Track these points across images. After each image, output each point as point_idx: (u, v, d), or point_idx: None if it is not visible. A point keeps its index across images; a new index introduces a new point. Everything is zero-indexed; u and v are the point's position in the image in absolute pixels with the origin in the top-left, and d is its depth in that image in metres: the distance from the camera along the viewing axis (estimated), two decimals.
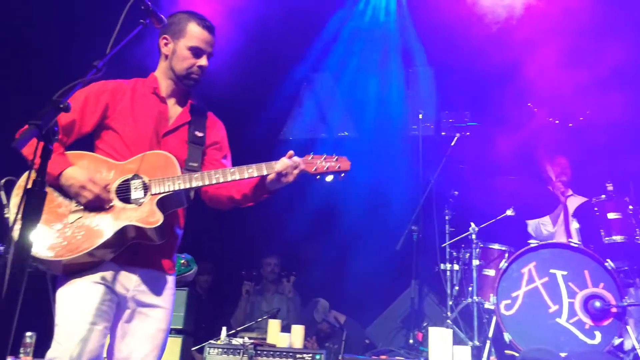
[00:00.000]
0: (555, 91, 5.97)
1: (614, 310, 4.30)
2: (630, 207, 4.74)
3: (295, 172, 2.59)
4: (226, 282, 6.26)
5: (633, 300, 4.67)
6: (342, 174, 2.65)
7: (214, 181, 2.57)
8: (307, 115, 7.49)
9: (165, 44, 2.75)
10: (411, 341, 4.89)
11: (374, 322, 5.42)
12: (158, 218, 2.44)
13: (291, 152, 2.63)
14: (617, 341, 4.28)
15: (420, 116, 5.87)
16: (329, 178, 2.62)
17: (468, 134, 5.81)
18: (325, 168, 2.61)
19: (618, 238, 4.64)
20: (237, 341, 4.31)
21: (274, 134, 7.48)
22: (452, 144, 5.36)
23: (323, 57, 7.08)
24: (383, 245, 5.67)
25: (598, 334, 4.32)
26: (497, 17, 6.15)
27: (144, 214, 2.45)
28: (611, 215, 4.73)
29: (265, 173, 2.60)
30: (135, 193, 2.49)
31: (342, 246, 6.09)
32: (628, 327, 4.31)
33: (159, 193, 2.50)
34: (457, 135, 5.37)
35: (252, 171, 2.59)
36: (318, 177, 2.65)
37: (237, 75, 6.02)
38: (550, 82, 5.92)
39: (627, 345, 4.40)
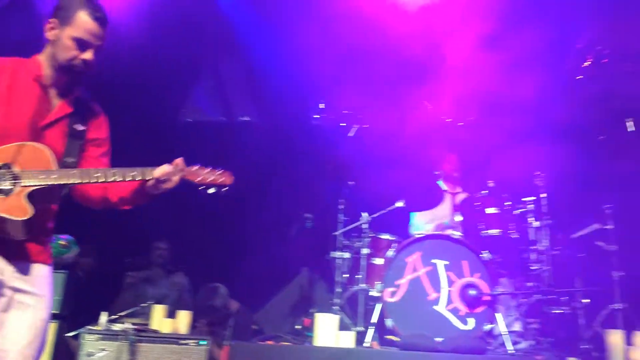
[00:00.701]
0: (448, 91, 6.26)
1: (486, 298, 4.61)
2: (507, 203, 5.10)
3: (176, 178, 2.54)
4: (111, 265, 5.99)
5: (504, 289, 5.04)
6: (225, 188, 2.69)
7: (93, 180, 2.45)
8: (207, 97, 7.33)
9: (51, 29, 2.53)
10: (298, 327, 4.96)
11: (263, 308, 5.44)
12: (26, 211, 2.29)
13: (178, 160, 2.58)
14: (487, 327, 4.59)
15: (322, 106, 5.93)
16: (211, 190, 2.69)
17: (367, 126, 5.95)
18: (208, 180, 2.65)
19: (494, 231, 4.98)
20: (117, 327, 4.15)
21: (171, 115, 7.26)
22: (350, 134, 5.45)
23: (226, 39, 6.95)
24: (277, 232, 5.70)
25: (471, 321, 4.61)
26: (403, 13, 6.33)
27: (11, 205, 2.28)
28: (489, 210, 5.06)
29: (147, 177, 2.51)
30: (3, 183, 2.32)
31: (236, 232, 6.05)
32: (498, 315, 4.64)
33: (30, 186, 2.34)
34: (356, 126, 5.48)
35: (135, 174, 2.49)
36: (201, 187, 2.67)
37: (135, 54, 5.78)
38: (444, 82, 6.21)
39: (496, 331, 4.73)
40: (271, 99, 7.01)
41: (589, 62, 6.16)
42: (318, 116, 6.10)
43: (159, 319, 4.40)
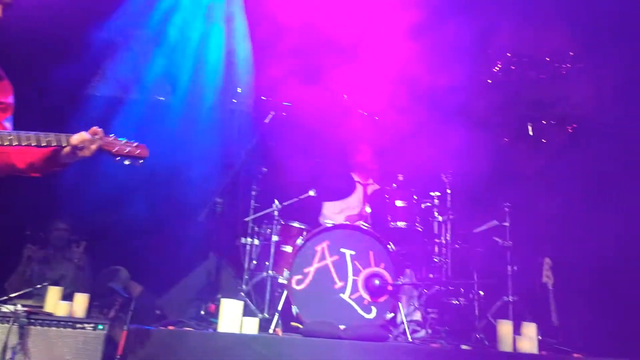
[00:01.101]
0: (365, 84, 6.36)
1: (389, 288, 4.75)
2: (415, 197, 5.27)
3: (93, 147, 2.50)
4: (5, 241, 5.59)
5: (407, 280, 5.22)
6: (141, 160, 2.68)
7: (6, 143, 2.31)
8: (121, 73, 7.00)
9: None
10: (203, 312, 4.89)
11: (168, 293, 5.31)
12: None
13: (95, 128, 2.52)
14: (389, 316, 4.74)
15: (239, 90, 5.85)
16: (127, 162, 2.68)
17: (284, 114, 5.93)
18: (125, 151, 2.64)
19: (401, 224, 5.13)
20: (7, 308, 3.89)
21: (81, 88, 6.87)
22: (266, 121, 5.41)
23: (145, 15, 6.67)
24: (186, 215, 5.56)
25: (374, 309, 4.74)
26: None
27: None
28: (398, 203, 5.21)
29: (64, 144, 2.41)
30: None
31: (143, 213, 5.84)
32: (400, 304, 4.80)
33: None
34: (272, 113, 5.44)
35: (50, 140, 2.38)
36: (118, 158, 2.64)
37: (48, 22, 5.42)
38: (363, 74, 6.31)
39: (398, 320, 4.89)
40: (188, 81, 6.81)
41: (498, 67, 6.49)
42: (235, 101, 6.01)
43: (54, 302, 4.17)
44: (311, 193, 5.24)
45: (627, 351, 4.39)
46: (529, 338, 4.46)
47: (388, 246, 4.88)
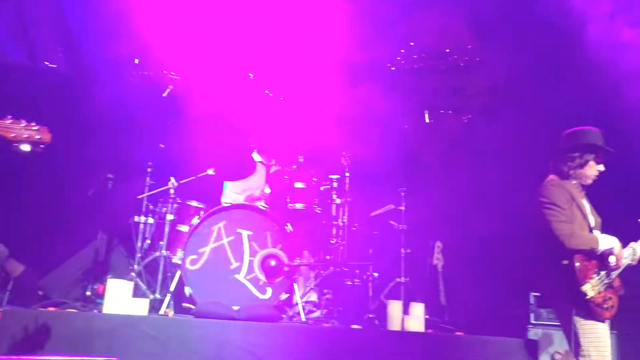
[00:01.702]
0: (271, 64, 6.29)
1: (285, 269, 4.76)
2: (314, 179, 5.30)
3: None
4: None
5: (304, 261, 5.26)
6: (42, 146, 2.45)
7: None
8: (6, 34, 6.42)
9: None
10: (89, 293, 4.66)
11: (52, 273, 4.99)
12: None
13: None
14: (284, 296, 4.75)
15: (136, 61, 5.56)
16: (27, 148, 2.41)
17: (184, 88, 5.72)
18: (23, 136, 2.41)
19: (300, 205, 5.15)
20: None
21: None
22: (164, 95, 5.20)
23: None
24: (74, 190, 5.24)
25: (269, 290, 4.74)
26: None
27: None
28: (297, 185, 5.21)
29: None
30: None
31: (26, 187, 5.42)
32: (295, 285, 4.83)
33: None
34: (170, 87, 5.24)
35: None
36: (15, 145, 2.41)
37: None
38: (269, 54, 6.23)
39: (294, 301, 4.92)
40: (82, 48, 6.38)
41: (402, 54, 6.65)
42: (133, 73, 5.72)
43: None
44: (210, 172, 5.11)
45: (506, 330, 4.70)
46: (417, 317, 4.66)
47: (286, 227, 4.88)
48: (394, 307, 4.69)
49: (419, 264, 5.70)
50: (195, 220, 4.79)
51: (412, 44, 6.74)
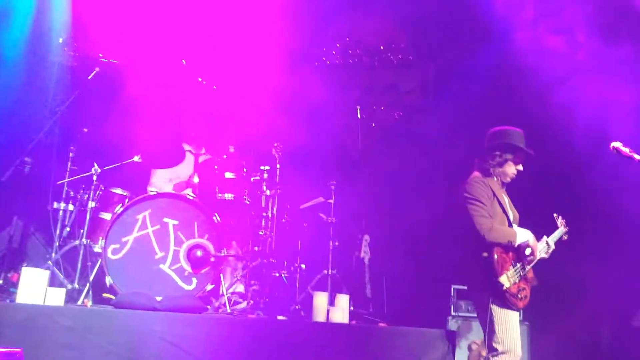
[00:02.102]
0: (206, 52, 6.18)
1: (212, 259, 4.70)
2: (245, 169, 5.25)
3: None
4: None
5: (232, 252, 5.21)
6: None
7: None
8: None
9: None
10: (1, 281, 4.42)
11: None
12: None
13: None
14: (209, 287, 4.69)
15: (60, 40, 5.31)
16: None
17: (112, 72, 5.52)
18: None
19: (229, 196, 5.09)
20: None
21: None
22: (89, 77, 4.99)
23: None
24: None
25: (195, 281, 4.67)
26: None
27: None
28: (228, 175, 5.15)
29: None
30: None
31: None
32: (221, 276, 4.78)
33: None
34: (96, 69, 5.03)
35: None
36: None
37: None
38: (203, 41, 6.11)
39: (221, 291, 4.87)
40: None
41: (337, 51, 6.70)
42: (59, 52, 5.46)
43: None
44: (136, 159, 4.97)
45: (429, 321, 4.85)
46: (341, 309, 4.72)
47: (214, 217, 4.81)
48: (320, 299, 4.72)
49: (347, 257, 5.78)
50: (119, 209, 4.64)
51: (347, 39, 6.81)
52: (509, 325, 3.36)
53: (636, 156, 3.14)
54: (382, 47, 6.85)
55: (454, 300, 5.38)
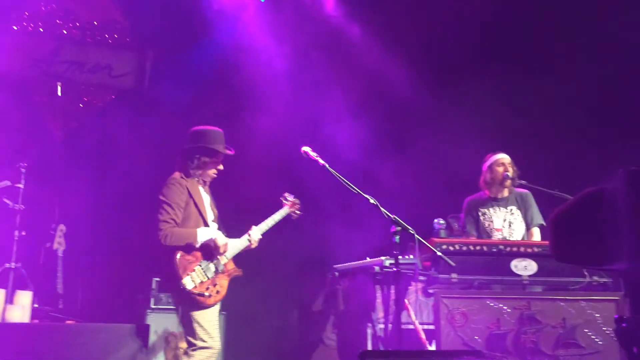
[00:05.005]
0: None
1: None
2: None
3: None
4: None
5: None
6: None
7: None
8: None
9: None
10: None
11: None
12: None
13: None
14: None
15: None
16: None
17: None
18: None
19: None
20: None
21: None
22: None
23: None
24: None
25: None
26: None
27: None
28: None
29: None
30: None
31: None
32: None
33: None
34: None
35: None
36: None
37: None
38: None
39: None
40: None
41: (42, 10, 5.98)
42: None
43: None
44: None
45: (129, 315, 4.65)
46: (22, 307, 4.22)
47: None
48: None
49: (35, 248, 5.18)
50: None
51: (53, 5, 6.11)
52: (204, 322, 3.35)
53: (320, 160, 3.45)
54: (95, 23, 6.34)
55: (155, 293, 5.26)
